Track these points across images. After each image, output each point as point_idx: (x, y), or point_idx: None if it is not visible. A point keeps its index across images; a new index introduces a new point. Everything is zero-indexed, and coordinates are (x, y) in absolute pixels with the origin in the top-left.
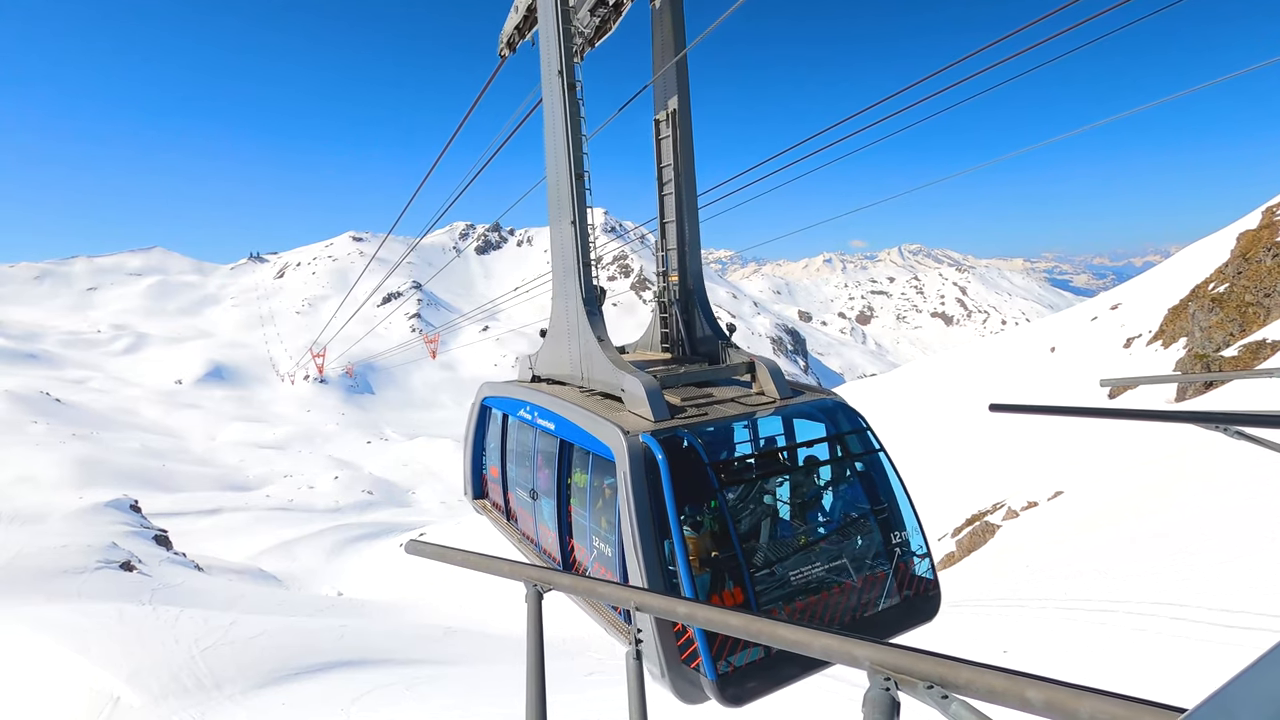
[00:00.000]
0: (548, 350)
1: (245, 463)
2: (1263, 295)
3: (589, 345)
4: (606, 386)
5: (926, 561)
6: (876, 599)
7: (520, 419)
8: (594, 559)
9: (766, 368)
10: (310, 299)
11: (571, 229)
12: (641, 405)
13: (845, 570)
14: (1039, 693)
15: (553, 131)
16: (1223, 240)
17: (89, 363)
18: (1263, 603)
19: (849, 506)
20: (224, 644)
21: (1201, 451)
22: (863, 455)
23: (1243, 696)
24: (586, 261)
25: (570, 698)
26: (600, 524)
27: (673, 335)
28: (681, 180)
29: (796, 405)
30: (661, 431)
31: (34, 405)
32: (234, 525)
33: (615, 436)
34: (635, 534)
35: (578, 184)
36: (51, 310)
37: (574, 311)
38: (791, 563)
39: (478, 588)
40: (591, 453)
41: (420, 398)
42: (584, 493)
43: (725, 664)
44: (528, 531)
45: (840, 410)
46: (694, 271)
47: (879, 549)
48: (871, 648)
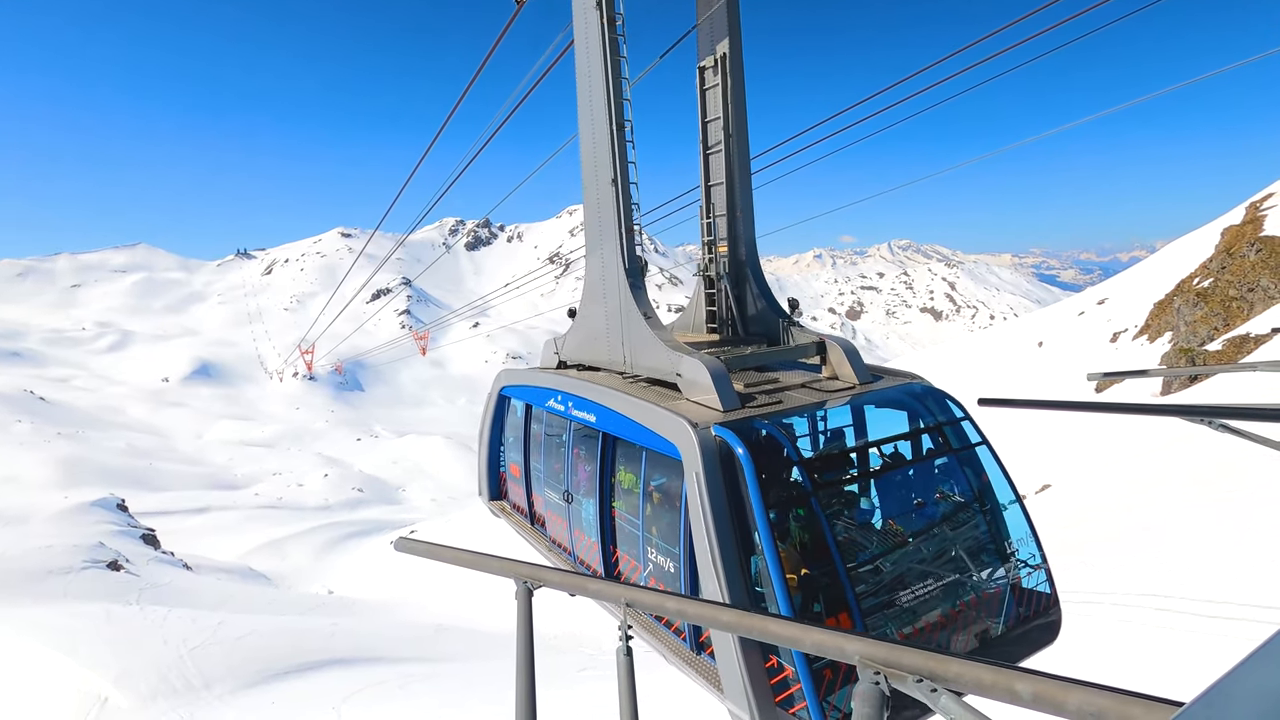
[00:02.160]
0: (579, 332)
1: (234, 461)
2: (1246, 290)
3: (634, 324)
4: (655, 372)
5: (1042, 573)
6: (994, 622)
7: (550, 410)
8: (649, 573)
9: (841, 348)
10: (299, 296)
11: (612, 189)
12: (704, 392)
13: (961, 588)
14: (1027, 685)
15: (588, 75)
16: (1207, 235)
17: (73, 361)
18: (1247, 594)
19: (956, 510)
20: (213, 643)
21: (1186, 445)
22: (966, 449)
23: (1236, 692)
24: (629, 226)
25: (562, 693)
26: (652, 531)
27: (721, 314)
28: (732, 135)
29: (880, 391)
30: (736, 423)
31: (17, 404)
32: (223, 524)
33: (681, 429)
34: (713, 546)
35: (619, 135)
36: (34, 308)
37: (614, 285)
38: (899, 580)
39: (468, 585)
40: (645, 449)
41: (410, 395)
42: (633, 495)
43: (829, 706)
44: (559, 538)
45: (933, 396)
46: (747, 240)
47: (993, 561)
48: (861, 642)
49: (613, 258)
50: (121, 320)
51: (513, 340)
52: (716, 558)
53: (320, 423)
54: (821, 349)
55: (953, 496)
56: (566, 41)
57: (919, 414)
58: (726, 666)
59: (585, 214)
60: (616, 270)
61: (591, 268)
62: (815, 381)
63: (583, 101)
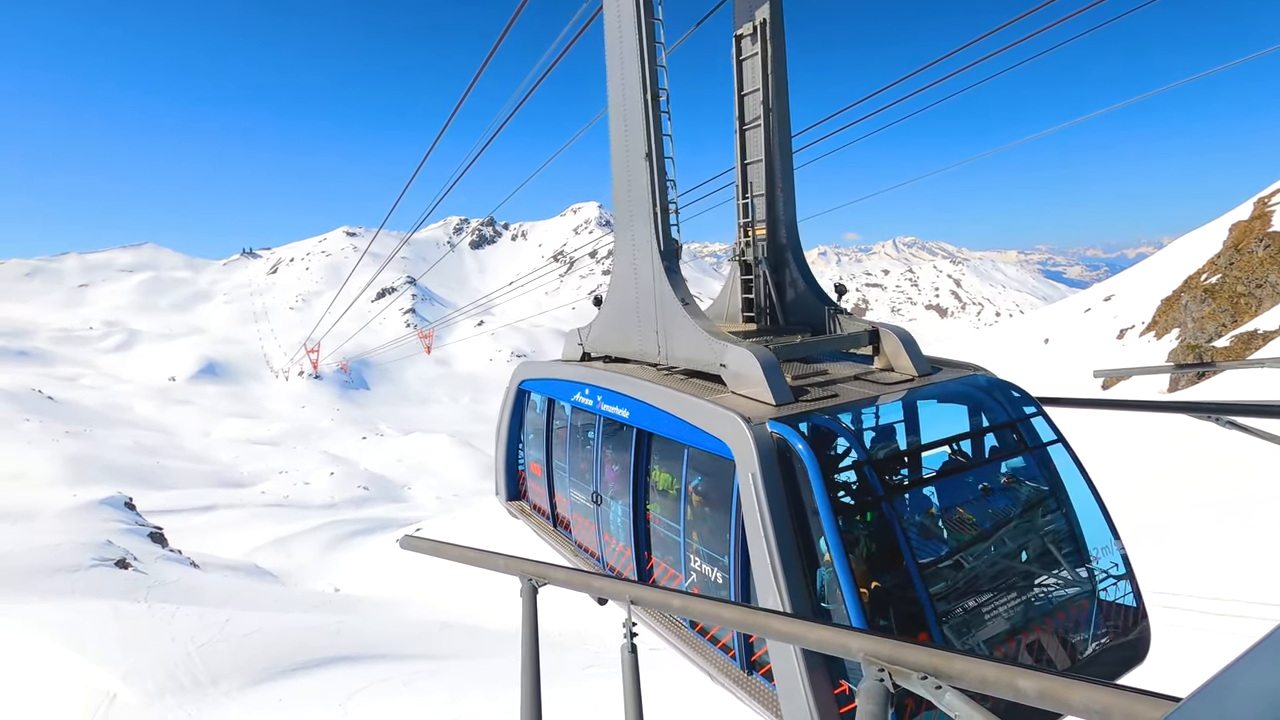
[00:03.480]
0: (606, 321)
1: (240, 459)
2: (1254, 286)
3: (670, 310)
4: (694, 363)
5: (1126, 583)
6: (1082, 638)
7: (576, 405)
8: (691, 583)
9: (897, 336)
10: (304, 295)
11: (646, 165)
12: (753, 385)
13: (1046, 602)
14: (1031, 682)
15: (619, 40)
16: (1215, 231)
17: (81, 360)
18: (1253, 591)
19: (1036, 516)
20: (220, 641)
21: (1193, 441)
22: (1041, 447)
23: (1234, 687)
24: (665, 205)
25: (566, 690)
26: (694, 537)
27: (759, 301)
28: (772, 108)
29: (944, 383)
30: (793, 417)
31: (25, 403)
32: (229, 522)
33: (732, 425)
34: (773, 555)
35: (653, 106)
36: (42, 307)
37: (648, 269)
38: (978, 594)
39: (473, 583)
40: (687, 447)
41: (415, 393)
42: (671, 497)
43: None
44: (586, 542)
45: (1002, 388)
46: (788, 221)
47: (1077, 571)
48: (865, 639)
49: (646, 239)
50: (128, 319)
51: (517, 338)
52: (777, 568)
53: (326, 421)
54: (875, 338)
55: (1031, 500)
56: (592, 11)
57: (989, 409)
58: (789, 691)
59: (615, 193)
60: (650, 252)
61: (621, 251)
62: (868, 374)
63: (613, 70)
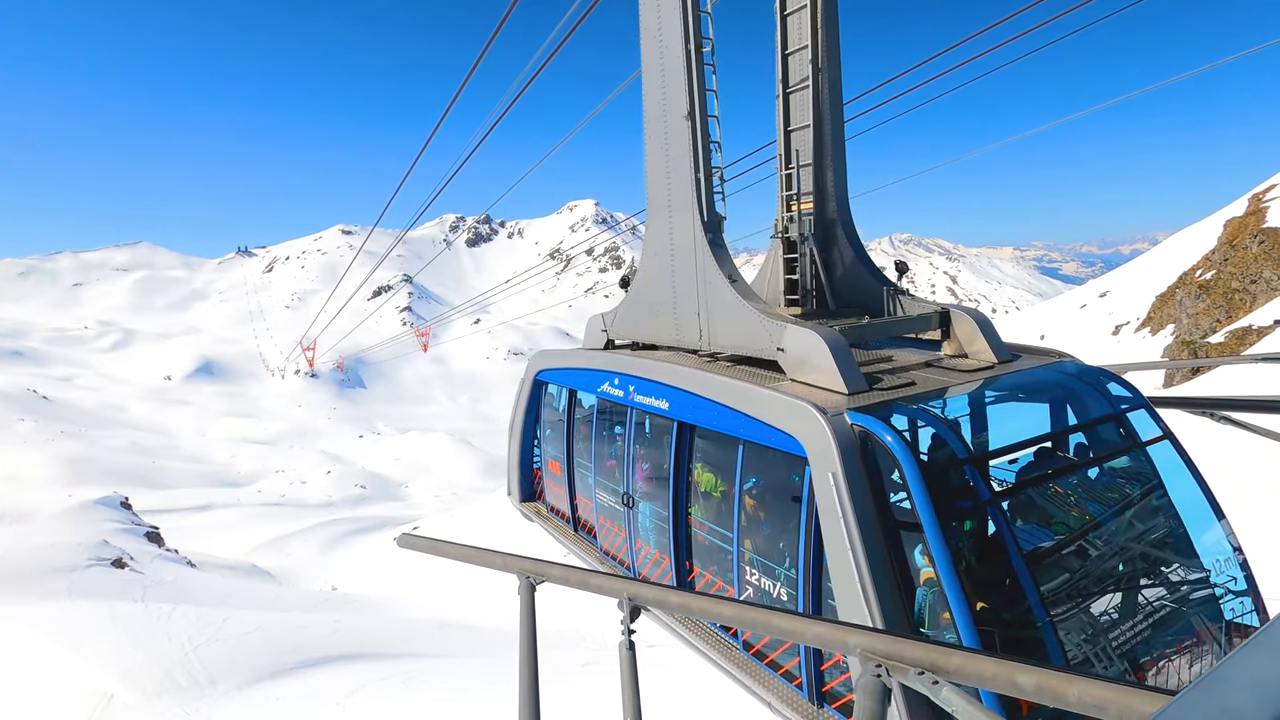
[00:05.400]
0: (635, 305)
1: (236, 459)
2: (1249, 282)
3: (715, 290)
4: (744, 348)
5: (1249, 598)
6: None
7: (604, 397)
8: (746, 598)
9: (973, 319)
10: (300, 293)
11: (687, 125)
12: (820, 371)
13: (1174, 622)
14: (1029, 678)
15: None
16: (1210, 228)
17: (76, 360)
18: None
19: (1151, 523)
20: (217, 640)
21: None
22: (1150, 443)
23: (1230, 680)
24: (709, 171)
25: (565, 688)
26: (748, 545)
27: (804, 282)
28: (822, 68)
29: (1031, 372)
30: (877, 408)
31: (20, 403)
32: (226, 521)
33: (805, 417)
34: (861, 570)
35: (696, 59)
36: (37, 307)
37: (688, 244)
38: (1099, 616)
39: (471, 581)
40: (743, 442)
41: (412, 392)
42: (720, 500)
43: None
44: (614, 549)
45: (1098, 377)
46: (838, 194)
47: (1200, 586)
48: (862, 635)
49: (685, 210)
50: (124, 319)
51: (514, 336)
52: (865, 584)
53: (322, 420)
54: (944, 320)
55: (1146, 507)
56: None
57: (1088, 400)
58: None
59: (648, 161)
60: (691, 225)
61: (655, 227)
62: (939, 360)
63: (647, 22)
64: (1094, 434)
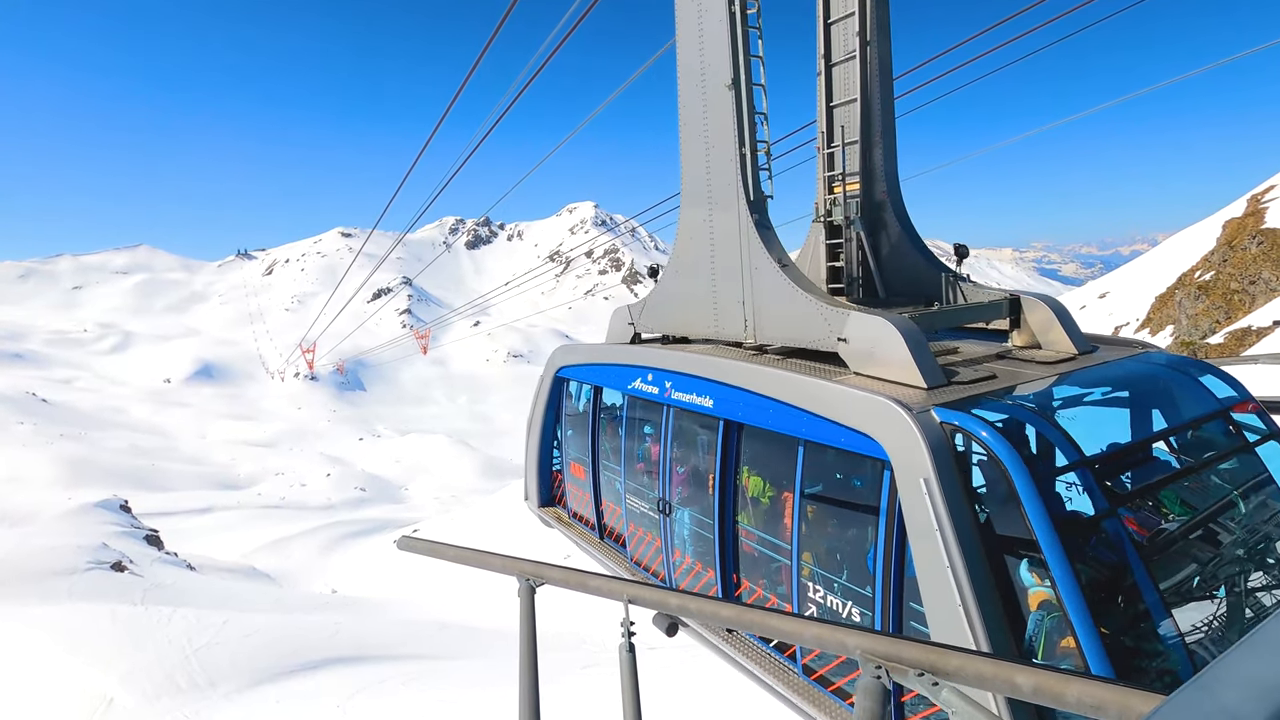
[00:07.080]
0: (667, 295)
1: (236, 461)
2: (1248, 283)
3: (763, 275)
4: (798, 339)
5: None
6: None
7: (635, 394)
8: (811, 615)
9: (1049, 307)
10: (299, 296)
11: (730, 95)
12: (892, 364)
13: None
14: (1027, 678)
15: None
16: (1209, 228)
17: (75, 362)
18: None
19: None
20: (217, 643)
21: None
22: (1262, 442)
23: (1225, 678)
24: (754, 145)
25: (565, 690)
26: (808, 558)
27: (850, 269)
28: (871, 40)
29: (1120, 364)
30: (968, 403)
31: (20, 405)
32: (226, 524)
33: (886, 414)
34: (963, 589)
35: (742, 21)
36: (36, 309)
37: (731, 227)
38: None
39: (471, 583)
40: (804, 442)
41: (412, 394)
42: (773, 506)
43: None
44: (646, 559)
45: (1195, 369)
46: (888, 174)
47: None
48: (862, 636)
49: (728, 189)
50: (123, 321)
51: (514, 338)
52: (969, 605)
53: (322, 422)
54: (1015, 308)
55: (1267, 511)
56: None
57: (1191, 394)
58: None
59: (683, 136)
60: (736, 206)
61: (691, 209)
62: (1010, 352)
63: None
64: (1202, 432)
